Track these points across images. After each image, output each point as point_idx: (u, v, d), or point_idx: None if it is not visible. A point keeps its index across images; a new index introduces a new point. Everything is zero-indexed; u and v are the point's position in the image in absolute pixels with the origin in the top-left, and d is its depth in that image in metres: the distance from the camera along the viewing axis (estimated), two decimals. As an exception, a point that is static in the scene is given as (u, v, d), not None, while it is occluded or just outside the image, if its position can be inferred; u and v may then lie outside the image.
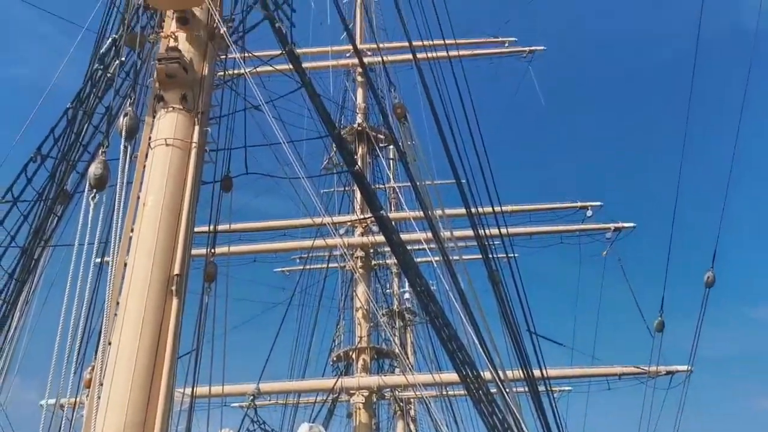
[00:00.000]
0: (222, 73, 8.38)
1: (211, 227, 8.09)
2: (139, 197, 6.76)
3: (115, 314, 6.22)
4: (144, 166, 6.92)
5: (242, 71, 8.07)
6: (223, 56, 8.27)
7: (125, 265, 6.47)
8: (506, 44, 25.16)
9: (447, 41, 11.43)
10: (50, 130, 7.54)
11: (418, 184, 10.79)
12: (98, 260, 6.51)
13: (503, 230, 10.63)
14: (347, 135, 22.43)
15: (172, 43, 7.50)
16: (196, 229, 7.32)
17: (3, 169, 8.15)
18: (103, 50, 8.01)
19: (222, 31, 7.55)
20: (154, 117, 7.27)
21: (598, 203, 23.16)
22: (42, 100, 7.16)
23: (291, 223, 21.73)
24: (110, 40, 8.00)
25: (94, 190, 6.14)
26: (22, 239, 7.45)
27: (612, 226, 22.57)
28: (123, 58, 7.73)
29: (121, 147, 6.45)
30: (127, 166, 6.47)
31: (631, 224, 22.76)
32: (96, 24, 8.42)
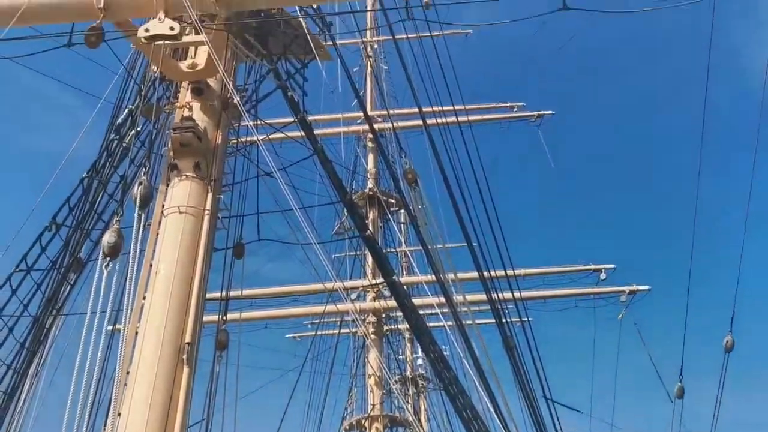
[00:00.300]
0: (235, 141, 8.52)
1: (223, 294, 8.08)
2: (151, 265, 6.78)
3: (125, 384, 6.15)
4: (157, 234, 6.97)
5: (255, 139, 8.20)
6: (237, 124, 8.43)
7: (136, 333, 6.44)
8: (515, 109, 25.52)
9: (456, 107, 11.60)
10: (66, 200, 7.65)
11: (429, 247, 10.78)
12: (110, 328, 6.48)
13: (516, 294, 10.51)
14: (358, 200, 22.58)
15: (186, 113, 7.65)
16: (207, 296, 7.31)
17: (19, 239, 8.22)
18: (119, 121, 8.18)
19: (236, 101, 7.70)
20: (167, 185, 7.36)
21: (612, 266, 22.99)
22: (58, 170, 7.29)
23: (302, 288, 21.63)
24: (127, 110, 8.19)
25: (108, 259, 6.16)
26: (34, 308, 7.46)
27: (626, 289, 22.35)
28: (138, 128, 7.88)
29: (135, 215, 6.51)
30: (140, 234, 6.50)
31: (646, 287, 22.54)
32: (114, 95, 8.65)
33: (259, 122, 8.70)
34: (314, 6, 8.95)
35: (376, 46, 26.42)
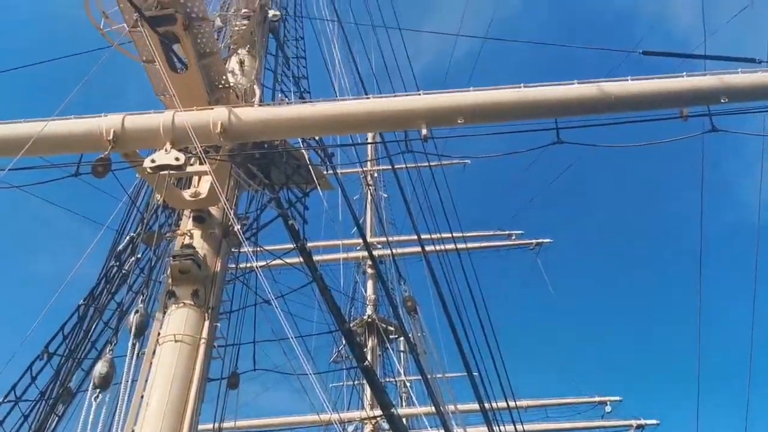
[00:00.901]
0: (234, 267, 8.51)
1: (216, 426, 7.79)
2: (143, 396, 6.56)
3: None
4: (150, 363, 6.80)
5: (254, 266, 8.20)
6: (236, 251, 8.45)
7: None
8: (513, 237, 25.78)
9: (455, 234, 11.72)
10: (60, 328, 7.54)
11: (429, 377, 10.54)
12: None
13: (519, 427, 10.18)
14: (357, 327, 22.31)
15: (187, 240, 7.70)
16: (199, 428, 7.02)
17: (11, 366, 8.02)
18: (120, 248, 8.22)
19: (236, 229, 7.77)
20: (164, 312, 7.27)
21: (617, 398, 22.50)
22: (54, 298, 7.22)
23: (298, 419, 20.96)
24: (128, 238, 8.24)
25: (98, 390, 5.98)
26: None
27: (634, 423, 21.75)
28: (139, 256, 7.91)
29: (129, 344, 6.39)
30: (133, 363, 6.35)
31: (655, 421, 21.92)
32: (117, 222, 8.73)
33: (258, 249, 8.74)
34: (316, 138, 9.24)
35: (375, 175, 27.09)
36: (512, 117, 7.27)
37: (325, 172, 9.53)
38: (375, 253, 20.54)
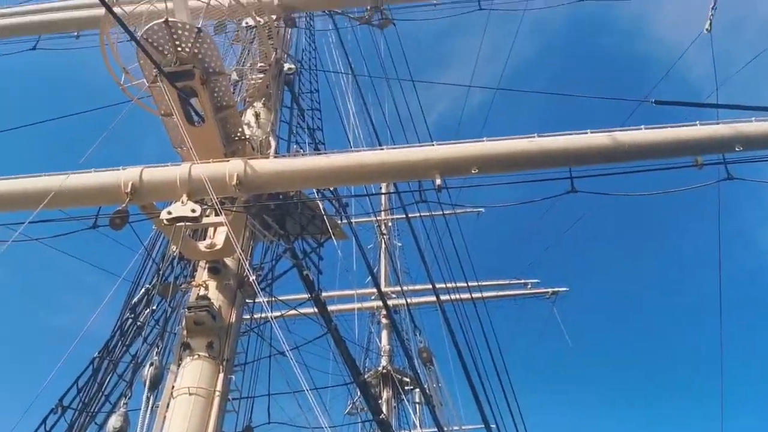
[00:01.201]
0: (249, 318, 8.49)
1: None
2: (156, 451, 6.49)
3: None
4: (164, 417, 6.73)
5: (269, 317, 8.17)
6: (251, 301, 8.44)
7: None
8: (529, 285, 25.60)
9: (470, 283, 11.68)
10: (74, 381, 7.50)
11: (445, 430, 10.36)
12: None
13: (539, 482, 9.94)
14: (372, 378, 22.03)
15: (202, 292, 7.70)
16: (213, 485, 6.89)
17: (26, 419, 7.96)
18: (135, 300, 8.24)
19: (251, 280, 7.77)
20: (179, 365, 7.23)
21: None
22: (70, 351, 7.21)
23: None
24: (143, 290, 8.26)
25: (111, 445, 5.92)
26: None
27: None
28: (154, 307, 7.91)
29: (144, 397, 6.33)
30: (147, 417, 6.29)
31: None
32: (133, 274, 8.77)
33: (273, 299, 8.73)
34: (331, 189, 9.30)
35: (390, 224, 27.13)
36: (526, 166, 7.30)
37: (339, 222, 9.56)
38: (390, 302, 20.43)
